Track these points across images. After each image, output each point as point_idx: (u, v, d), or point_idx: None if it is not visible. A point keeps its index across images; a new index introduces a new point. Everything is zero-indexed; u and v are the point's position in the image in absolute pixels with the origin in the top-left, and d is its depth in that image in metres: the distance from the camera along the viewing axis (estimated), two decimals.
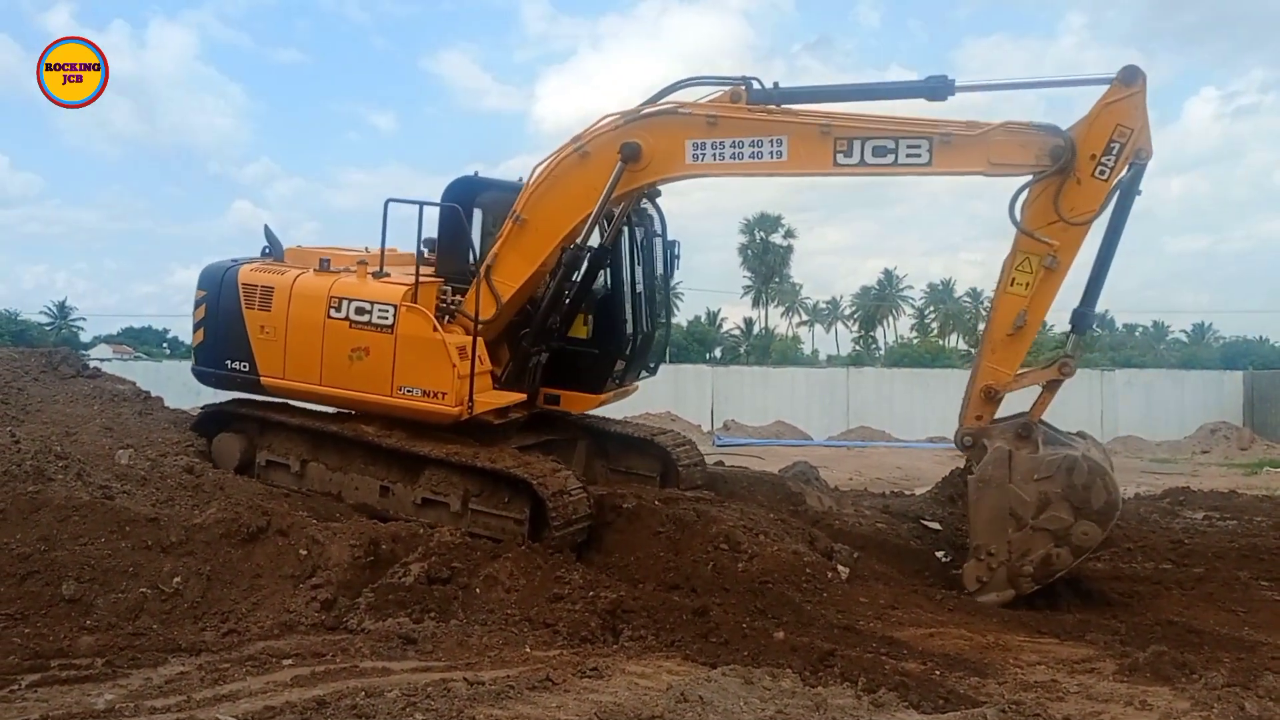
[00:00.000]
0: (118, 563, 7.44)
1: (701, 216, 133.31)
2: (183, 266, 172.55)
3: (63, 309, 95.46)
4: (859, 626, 7.35)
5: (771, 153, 9.88)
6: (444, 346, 10.12)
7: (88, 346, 79.17)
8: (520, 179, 10.99)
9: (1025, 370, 9.72)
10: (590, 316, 11.72)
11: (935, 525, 11.65)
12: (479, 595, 7.55)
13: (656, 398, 31.55)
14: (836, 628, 7.23)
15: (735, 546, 8.50)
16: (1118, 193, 9.14)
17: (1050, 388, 9.58)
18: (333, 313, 10.42)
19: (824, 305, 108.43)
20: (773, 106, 10.08)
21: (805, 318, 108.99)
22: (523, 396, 10.92)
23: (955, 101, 9.84)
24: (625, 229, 11.51)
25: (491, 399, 10.44)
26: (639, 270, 12.06)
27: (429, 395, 10.10)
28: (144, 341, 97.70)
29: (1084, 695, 6.14)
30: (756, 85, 10.10)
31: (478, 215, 11.53)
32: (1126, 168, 9.05)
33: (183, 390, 30.64)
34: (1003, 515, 9.05)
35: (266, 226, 11.54)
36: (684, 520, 8.93)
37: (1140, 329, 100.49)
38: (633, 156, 9.97)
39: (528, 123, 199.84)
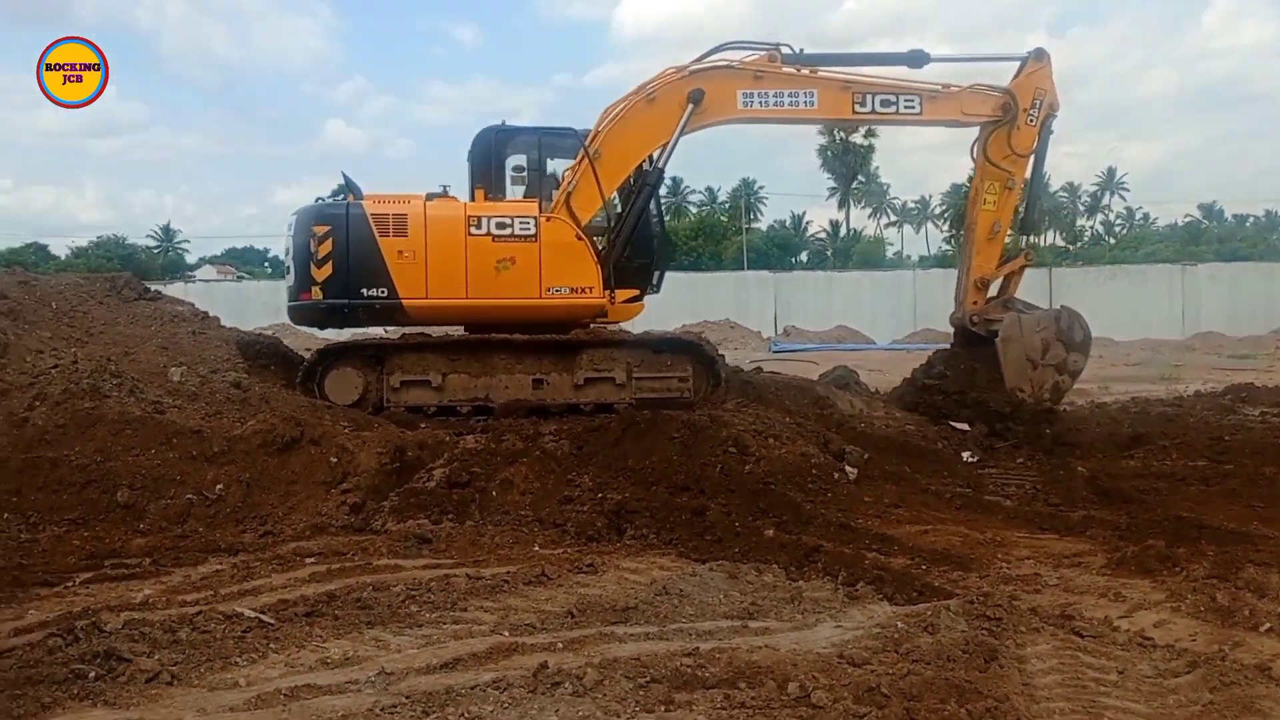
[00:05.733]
0: (167, 471, 8.06)
1: None
2: (283, 187, 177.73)
3: (168, 232, 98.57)
4: (855, 524, 7.62)
5: (805, 101, 12.81)
6: (589, 247, 12.21)
7: (193, 267, 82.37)
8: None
9: (1004, 264, 13.66)
10: None
11: (963, 426, 11.79)
12: (495, 498, 7.99)
13: (717, 305, 31.74)
14: (833, 525, 7.51)
15: (743, 449, 8.80)
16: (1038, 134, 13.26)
17: (1019, 273, 13.74)
18: (473, 230, 11.95)
19: (913, 205, 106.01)
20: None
21: (894, 218, 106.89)
22: (636, 290, 12.99)
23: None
24: None
25: (624, 293, 12.65)
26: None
27: (577, 291, 12.06)
28: (246, 261, 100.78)
29: (1062, 588, 6.33)
30: (787, 50, 12.80)
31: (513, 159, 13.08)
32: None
33: (263, 310, 31.78)
34: (1022, 362, 12.52)
35: (344, 173, 12.74)
36: (697, 425, 9.24)
37: (1251, 219, 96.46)
38: (699, 100, 12.32)
39: (609, 31, 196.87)
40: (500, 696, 4.12)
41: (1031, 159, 13.53)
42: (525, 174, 12.87)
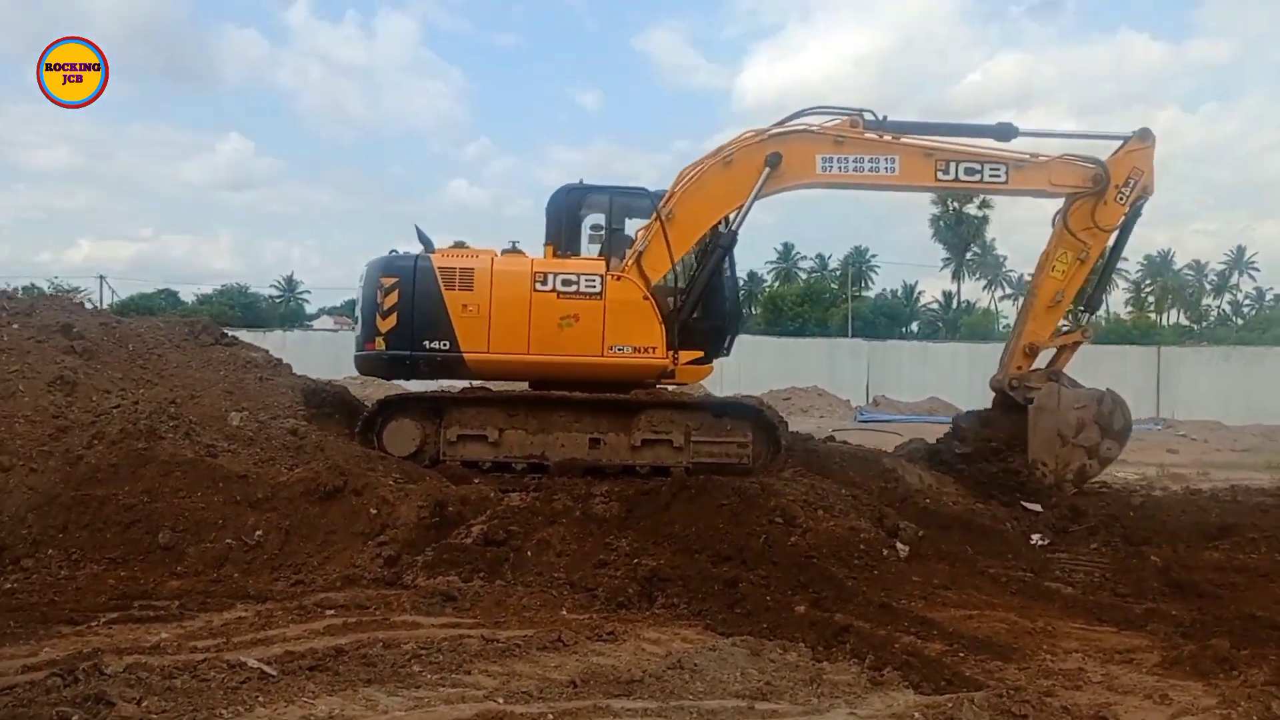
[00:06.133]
0: (210, 515, 8.16)
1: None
2: (405, 241, 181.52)
3: (290, 282, 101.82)
4: (896, 605, 7.26)
5: (886, 168, 12.60)
6: (654, 308, 12.12)
7: (312, 317, 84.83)
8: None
9: (1059, 335, 13.38)
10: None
11: (1035, 507, 11.27)
12: (529, 558, 7.87)
13: (810, 372, 31.28)
14: (872, 604, 7.17)
15: (790, 520, 8.53)
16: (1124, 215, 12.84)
17: (1072, 348, 13.31)
18: (538, 286, 11.96)
19: (1030, 277, 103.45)
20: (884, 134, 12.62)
21: (1009, 291, 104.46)
22: (701, 353, 12.68)
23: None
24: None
25: (689, 354, 12.44)
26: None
27: (639, 351, 12.02)
28: None
29: (1105, 686, 5.91)
30: (870, 116, 12.60)
31: (590, 218, 13.20)
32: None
33: None
34: (1052, 436, 12.24)
35: (417, 226, 12.90)
36: (747, 493, 9.01)
37: None
38: (775, 164, 12.24)
39: (730, 98, 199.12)
40: None
41: (1113, 237, 13.14)
42: (600, 232, 12.90)
